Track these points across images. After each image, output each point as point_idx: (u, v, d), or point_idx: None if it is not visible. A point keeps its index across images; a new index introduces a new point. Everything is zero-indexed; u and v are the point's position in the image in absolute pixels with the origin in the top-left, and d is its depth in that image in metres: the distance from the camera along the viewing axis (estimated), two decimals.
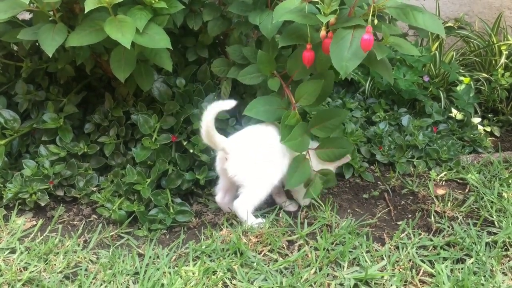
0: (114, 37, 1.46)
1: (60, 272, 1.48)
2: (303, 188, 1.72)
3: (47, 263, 1.51)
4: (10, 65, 2.05)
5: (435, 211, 1.75)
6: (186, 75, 2.01)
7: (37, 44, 1.91)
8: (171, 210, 1.73)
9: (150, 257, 1.53)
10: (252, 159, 1.64)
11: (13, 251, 1.57)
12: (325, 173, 1.73)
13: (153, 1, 1.58)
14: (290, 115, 1.64)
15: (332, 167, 1.76)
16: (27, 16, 1.91)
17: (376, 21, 1.40)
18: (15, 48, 2.06)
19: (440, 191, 1.89)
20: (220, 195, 1.74)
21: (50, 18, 1.62)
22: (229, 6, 1.84)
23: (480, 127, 2.40)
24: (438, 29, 1.49)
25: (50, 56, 1.55)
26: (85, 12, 1.45)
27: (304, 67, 1.60)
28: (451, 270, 1.47)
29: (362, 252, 1.53)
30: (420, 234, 1.63)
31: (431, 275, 1.46)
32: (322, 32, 1.48)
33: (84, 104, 2.01)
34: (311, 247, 1.56)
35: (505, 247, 1.57)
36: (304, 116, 1.83)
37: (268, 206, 1.78)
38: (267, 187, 1.66)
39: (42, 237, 1.65)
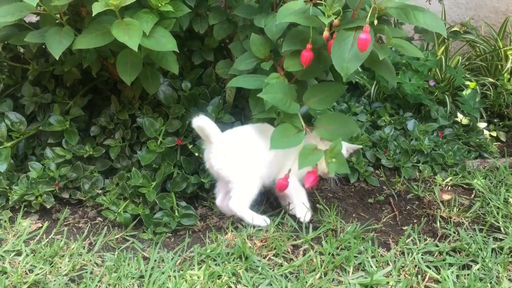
0: (121, 40, 1.47)
1: (66, 274, 1.48)
2: (301, 198, 1.70)
3: (52, 266, 1.51)
4: (16, 68, 2.05)
5: (441, 217, 1.75)
6: (191, 78, 2.02)
7: (43, 46, 1.92)
8: (176, 214, 1.73)
9: (155, 260, 1.53)
10: (235, 152, 1.64)
11: (18, 253, 1.58)
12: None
13: (160, 5, 1.59)
14: (273, 74, 1.59)
15: (344, 152, 1.70)
16: (33, 18, 1.92)
17: (376, 22, 1.40)
18: (22, 50, 2.07)
19: (446, 196, 1.88)
20: (219, 198, 1.74)
21: (57, 21, 1.62)
22: (235, 9, 1.84)
23: (486, 132, 2.39)
24: (439, 28, 1.48)
25: (57, 59, 1.55)
26: (92, 15, 1.46)
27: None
28: (457, 276, 1.47)
29: (367, 257, 1.52)
30: (425, 240, 1.63)
31: (437, 281, 1.45)
32: (325, 33, 1.48)
33: (90, 106, 2.02)
34: (316, 251, 1.55)
35: (511, 254, 1.56)
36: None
37: (272, 210, 1.78)
38: (254, 181, 1.65)
39: (47, 239, 1.66)
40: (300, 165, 1.48)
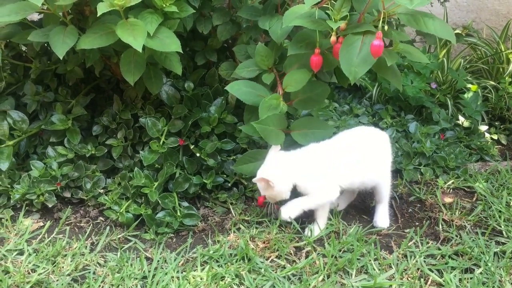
0: (126, 41, 1.46)
1: (68, 274, 1.48)
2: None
3: (55, 266, 1.51)
4: (18, 66, 2.04)
5: (443, 220, 1.75)
6: (194, 78, 2.01)
7: (46, 45, 1.92)
8: (178, 213, 1.73)
9: (158, 261, 1.53)
10: None
11: (21, 252, 1.57)
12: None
13: (164, 5, 1.58)
14: (273, 96, 1.62)
15: None
16: (35, 16, 1.91)
17: (386, 27, 1.40)
18: (24, 48, 2.06)
19: (448, 199, 1.89)
20: None
21: (60, 20, 1.62)
22: (238, 10, 1.84)
23: (487, 135, 2.40)
24: (448, 35, 1.48)
25: (61, 58, 1.55)
26: (97, 16, 1.45)
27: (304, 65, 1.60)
28: (460, 279, 1.47)
29: (370, 260, 1.53)
30: (428, 243, 1.63)
31: (440, 285, 1.46)
32: (333, 38, 1.48)
33: (93, 106, 2.01)
34: (318, 254, 1.55)
35: None
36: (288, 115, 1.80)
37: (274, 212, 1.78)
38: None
39: (49, 238, 1.65)
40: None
